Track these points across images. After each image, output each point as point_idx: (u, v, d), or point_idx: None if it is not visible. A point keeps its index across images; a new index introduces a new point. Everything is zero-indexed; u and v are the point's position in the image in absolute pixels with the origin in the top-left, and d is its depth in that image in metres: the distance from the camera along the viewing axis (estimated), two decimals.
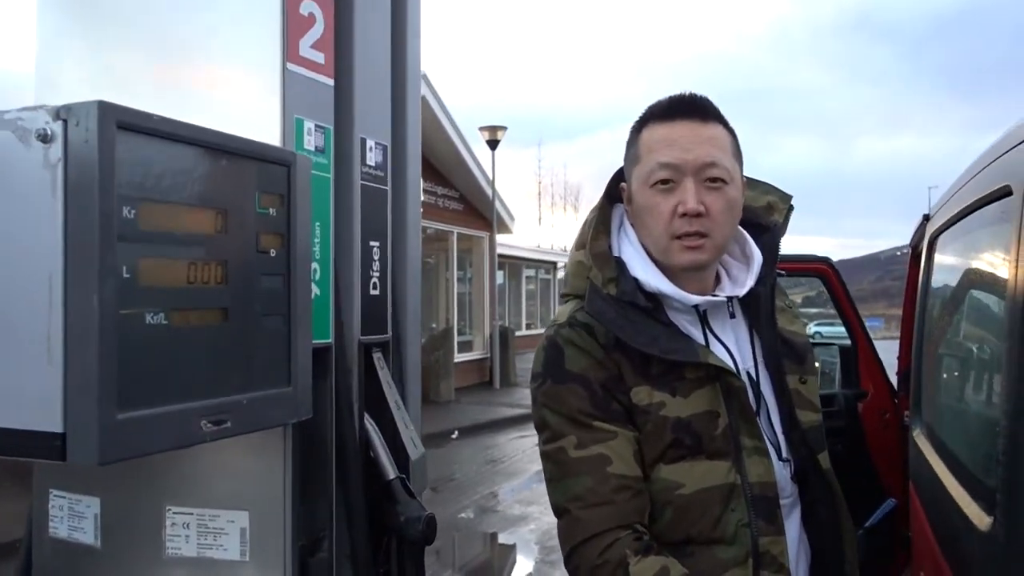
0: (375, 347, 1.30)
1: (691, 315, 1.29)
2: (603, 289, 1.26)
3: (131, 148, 0.81)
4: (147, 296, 0.83)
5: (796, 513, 1.34)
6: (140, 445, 0.82)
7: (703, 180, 1.22)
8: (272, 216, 1.00)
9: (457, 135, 14.49)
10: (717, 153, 1.23)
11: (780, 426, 1.32)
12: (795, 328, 1.38)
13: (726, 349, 1.29)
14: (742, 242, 1.36)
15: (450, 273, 16.24)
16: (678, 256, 1.24)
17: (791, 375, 1.33)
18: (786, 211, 1.40)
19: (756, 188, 1.41)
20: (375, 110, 1.30)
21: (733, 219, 1.27)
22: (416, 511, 1.26)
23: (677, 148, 1.23)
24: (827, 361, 3.28)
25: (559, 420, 1.24)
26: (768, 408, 1.31)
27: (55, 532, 1.23)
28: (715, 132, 1.25)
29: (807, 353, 1.37)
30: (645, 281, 1.25)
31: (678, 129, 1.24)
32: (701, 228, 1.22)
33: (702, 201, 1.22)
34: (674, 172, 1.23)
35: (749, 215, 1.37)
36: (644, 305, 1.24)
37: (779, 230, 1.38)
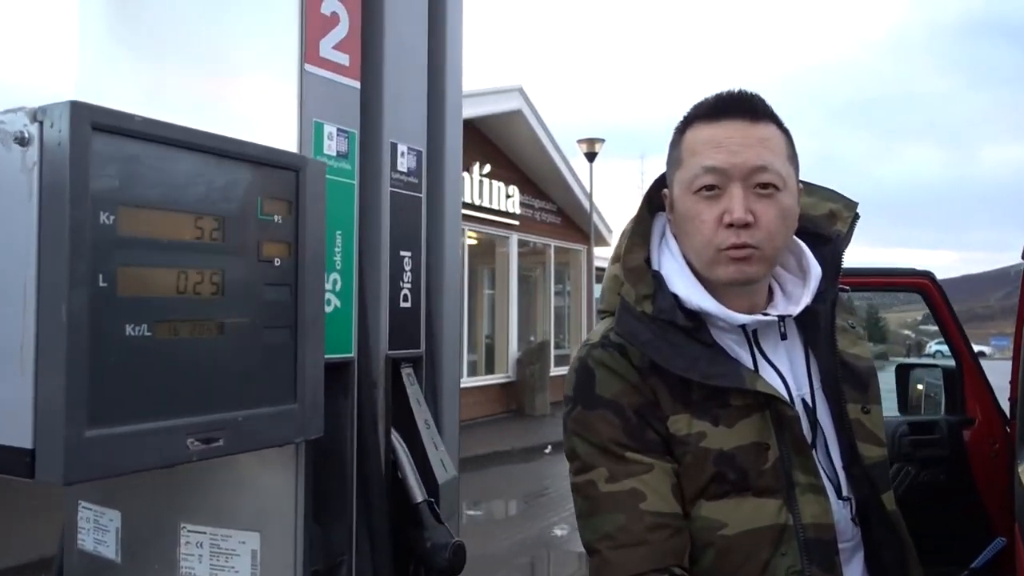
0: (405, 362, 1.24)
1: (738, 335, 1.17)
2: (636, 307, 1.15)
3: (110, 150, 0.77)
4: (127, 307, 0.79)
5: (858, 558, 1.20)
6: (113, 464, 0.77)
7: (752, 186, 1.11)
8: (277, 223, 0.95)
9: (555, 148, 14.48)
10: (768, 156, 1.11)
11: (839, 460, 1.18)
12: (858, 351, 1.23)
13: (778, 373, 1.17)
14: (798, 254, 1.23)
15: (547, 286, 16.20)
16: (723, 270, 1.13)
17: (852, 404, 1.19)
18: (851, 220, 1.26)
19: (815, 194, 1.28)
20: (408, 114, 1.25)
21: (787, 229, 1.14)
22: (443, 537, 1.18)
23: (724, 151, 1.11)
24: (931, 384, 3.03)
25: (589, 450, 1.14)
26: (826, 440, 1.18)
27: (83, 545, 1.21)
28: (767, 133, 1.13)
29: (871, 379, 1.22)
30: (686, 298, 1.14)
31: (725, 130, 1.13)
32: (749, 240, 1.10)
33: (751, 209, 1.10)
34: (720, 177, 1.11)
35: (807, 224, 1.25)
36: (683, 324, 1.13)
37: (842, 241, 1.25)
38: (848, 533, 1.18)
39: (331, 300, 1.10)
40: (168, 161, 0.83)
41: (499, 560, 5.90)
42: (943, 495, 2.56)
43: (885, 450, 1.22)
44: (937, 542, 2.54)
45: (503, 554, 6.06)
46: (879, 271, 2.74)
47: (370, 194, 1.18)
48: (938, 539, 2.55)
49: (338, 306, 1.12)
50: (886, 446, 1.22)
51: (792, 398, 1.16)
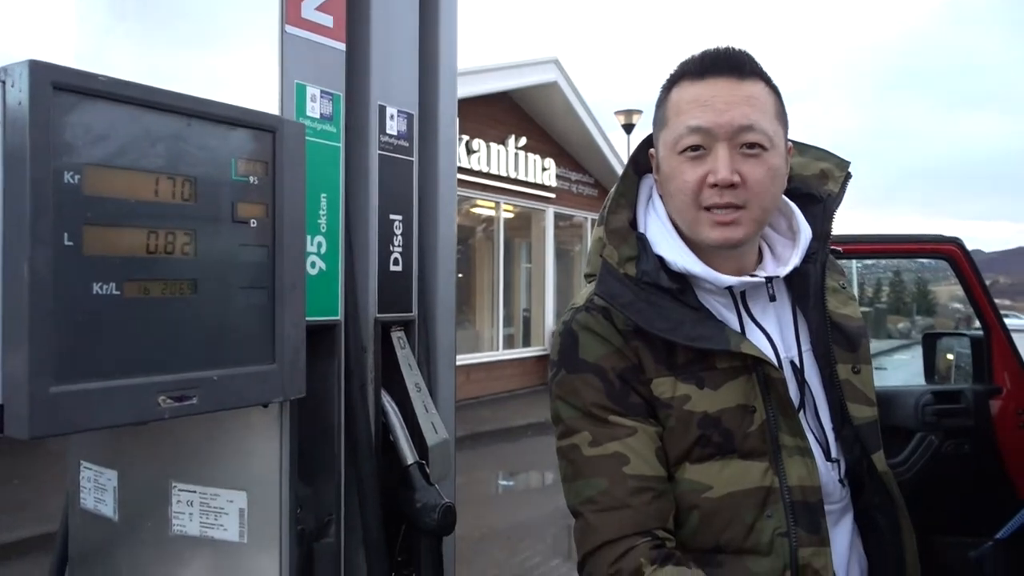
0: (395, 326, 1.24)
1: (725, 297, 1.15)
2: (619, 269, 1.14)
3: (73, 110, 0.78)
4: (94, 266, 0.80)
5: (847, 520, 1.18)
6: (80, 420, 0.78)
7: (738, 146, 1.08)
8: (253, 184, 0.95)
9: (591, 120, 14.33)
10: (755, 115, 1.08)
11: (829, 422, 1.16)
12: (848, 311, 1.20)
13: (766, 335, 1.15)
14: (788, 215, 1.20)
15: (584, 259, 16.12)
16: (708, 232, 1.10)
17: (842, 364, 1.17)
18: (843, 179, 1.23)
19: (807, 153, 1.25)
20: (397, 76, 1.24)
21: (775, 190, 1.11)
22: (433, 499, 1.19)
23: (709, 110, 1.09)
24: (960, 353, 2.96)
25: (573, 414, 1.13)
26: (815, 402, 1.16)
27: (84, 503, 1.25)
28: (754, 90, 1.10)
29: (861, 339, 1.19)
30: (672, 260, 1.12)
31: (711, 88, 1.10)
32: (735, 199, 1.08)
33: (737, 170, 1.07)
34: (705, 137, 1.08)
35: (798, 184, 1.22)
36: (668, 286, 1.11)
37: (833, 201, 1.21)
38: (836, 495, 1.16)
39: (316, 263, 1.11)
40: (135, 121, 0.83)
41: (530, 529, 5.95)
42: (968, 465, 2.51)
43: (875, 410, 1.19)
44: (962, 513, 2.50)
45: (534, 523, 6.11)
46: (905, 238, 2.67)
47: (357, 157, 1.18)
48: (963, 510, 2.50)
49: (323, 269, 1.12)
50: (876, 406, 1.20)
51: (780, 360, 1.14)
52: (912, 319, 42.36)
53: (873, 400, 1.19)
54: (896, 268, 33.45)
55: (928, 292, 55.76)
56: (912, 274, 45.67)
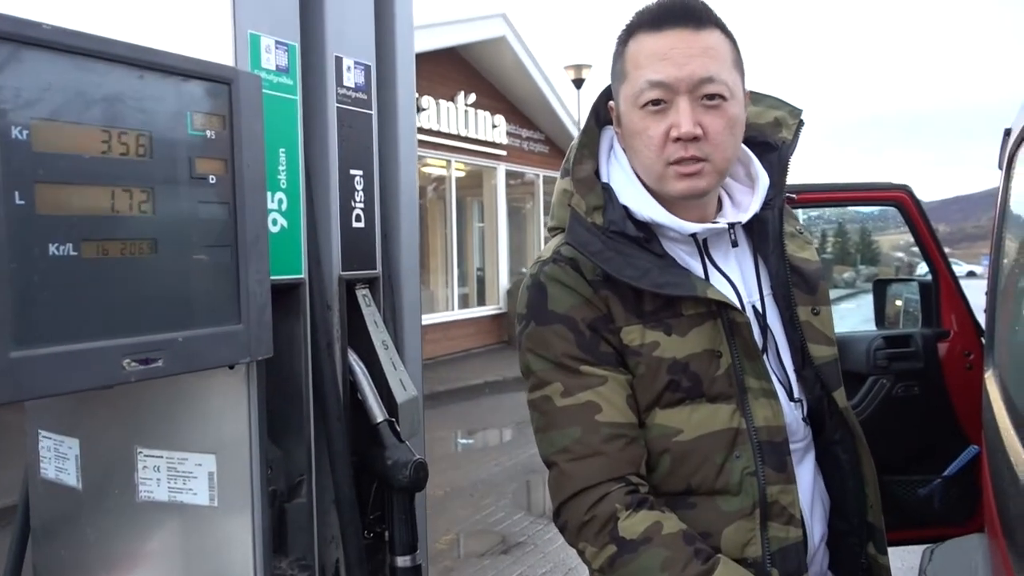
0: (360, 283, 1.23)
1: (689, 245, 1.16)
2: (587, 218, 1.13)
3: (18, 62, 0.74)
4: (49, 225, 0.77)
5: (810, 458, 1.21)
6: (44, 385, 0.76)
7: (699, 98, 1.08)
8: (210, 139, 0.92)
9: (541, 76, 14.20)
10: (715, 66, 1.07)
11: (791, 364, 1.19)
12: (806, 255, 1.23)
13: (729, 281, 1.16)
14: (747, 163, 1.21)
15: (537, 217, 16.12)
16: (674, 184, 1.11)
17: (802, 307, 1.19)
18: (796, 127, 1.24)
19: (761, 103, 1.26)
20: (353, 27, 1.20)
21: (735, 139, 1.12)
22: (404, 455, 1.19)
23: (669, 63, 1.08)
24: (909, 299, 3.04)
25: (544, 366, 1.13)
26: (777, 344, 1.18)
27: (45, 473, 1.21)
28: (712, 40, 1.09)
29: (819, 281, 1.22)
30: (636, 210, 1.13)
31: (669, 39, 1.09)
32: (698, 152, 1.08)
33: (698, 122, 1.07)
34: (665, 91, 1.08)
35: (755, 133, 1.23)
36: (634, 235, 1.11)
37: (788, 148, 1.23)
38: (800, 434, 1.19)
39: (277, 220, 1.08)
40: (85, 73, 0.80)
41: (491, 485, 6.01)
42: (918, 407, 2.60)
43: (835, 349, 1.22)
44: (912, 452, 2.59)
45: (495, 479, 6.17)
46: (856, 186, 2.71)
47: (315, 110, 1.15)
48: (914, 449, 2.59)
49: (285, 226, 1.10)
50: (835, 345, 1.22)
51: (743, 305, 1.16)
52: (857, 269, 43.43)
53: (832, 340, 1.22)
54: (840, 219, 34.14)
55: (872, 242, 57.08)
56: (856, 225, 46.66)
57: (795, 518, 1.12)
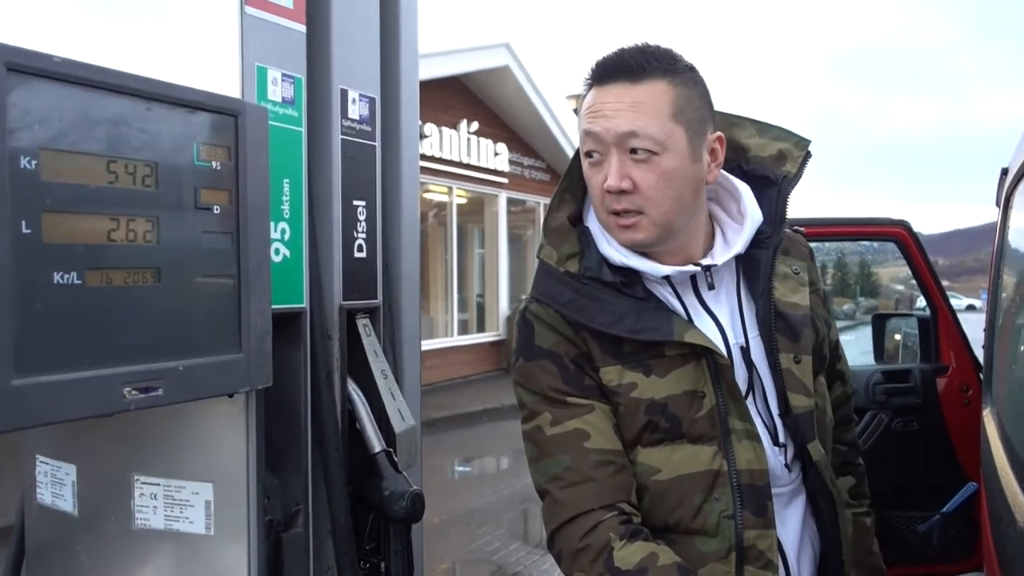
0: (360, 313, 1.23)
1: (669, 286, 1.17)
2: (559, 267, 1.15)
3: (28, 92, 0.75)
4: (55, 254, 0.77)
5: (799, 502, 1.21)
6: (44, 413, 0.76)
7: (628, 151, 1.09)
8: (216, 170, 0.93)
9: (543, 104, 14.31)
10: (641, 120, 1.08)
11: (776, 408, 1.18)
12: (795, 299, 1.20)
13: (716, 321, 1.16)
14: (738, 199, 1.22)
15: (537, 244, 16.14)
16: (616, 234, 1.15)
17: (784, 353, 1.18)
18: (801, 159, 1.24)
19: (766, 134, 1.26)
20: (358, 59, 1.22)
21: (672, 192, 1.11)
22: (401, 486, 1.19)
23: (599, 116, 1.11)
24: (908, 333, 3.04)
25: (533, 398, 1.15)
26: (764, 387, 1.17)
27: (41, 498, 1.21)
28: (646, 94, 1.10)
29: (803, 329, 1.20)
30: (608, 255, 1.14)
31: (604, 94, 1.12)
32: (631, 205, 1.10)
33: (627, 175, 1.09)
34: (597, 143, 1.11)
35: (755, 166, 1.23)
36: (610, 280, 1.13)
37: (788, 183, 1.22)
38: (784, 479, 1.18)
39: (279, 249, 1.09)
40: (94, 104, 0.81)
41: (488, 514, 5.97)
42: (916, 442, 2.59)
43: (812, 400, 1.20)
44: (911, 487, 2.58)
45: (492, 508, 6.13)
46: (854, 221, 2.73)
47: (320, 142, 1.16)
48: (911, 485, 2.58)
49: (287, 256, 1.10)
50: (814, 396, 1.20)
51: (729, 346, 1.16)
52: (856, 300, 43.40)
53: (811, 390, 1.19)
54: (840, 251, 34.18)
55: (871, 274, 57.13)
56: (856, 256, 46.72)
57: (772, 563, 1.11)
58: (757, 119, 1.26)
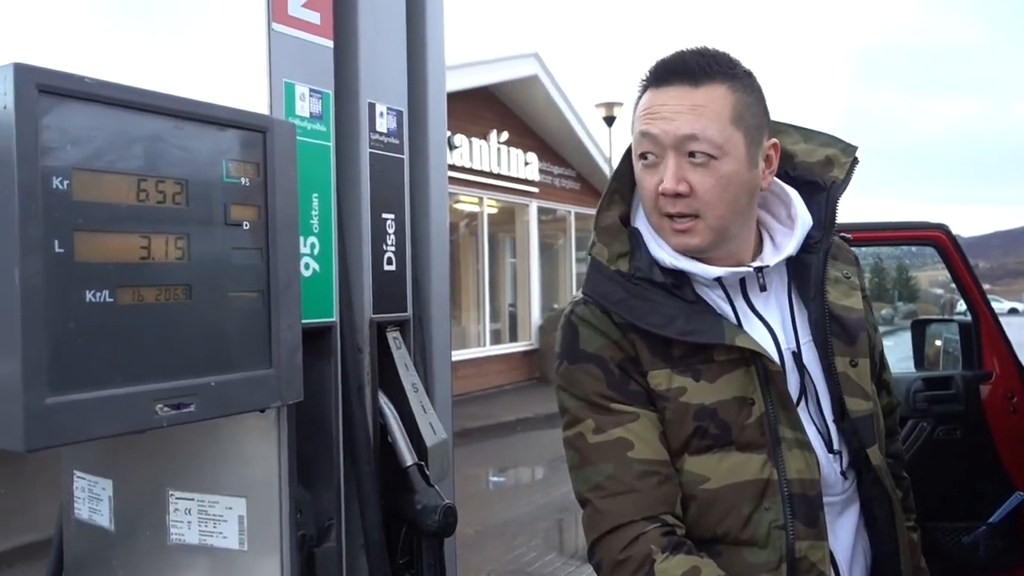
0: (391, 326, 1.23)
1: (720, 289, 1.15)
2: (610, 266, 1.14)
3: (60, 114, 0.76)
4: (87, 273, 0.78)
5: (852, 511, 1.18)
6: (78, 430, 0.77)
7: (686, 155, 1.08)
8: (244, 186, 0.93)
9: (572, 113, 14.33)
10: (702, 123, 1.07)
11: (830, 414, 1.16)
12: (849, 303, 1.20)
13: (767, 326, 1.14)
14: (788, 203, 1.20)
15: (568, 253, 16.14)
16: (668, 238, 1.13)
17: (840, 357, 1.16)
18: (849, 165, 1.22)
19: (813, 140, 1.25)
20: (385, 73, 1.22)
21: (730, 197, 1.11)
22: (433, 500, 1.18)
23: (658, 118, 1.10)
24: (948, 339, 2.97)
25: (576, 403, 1.13)
26: (818, 393, 1.15)
27: (79, 514, 1.22)
28: (707, 97, 1.09)
29: (859, 332, 1.19)
30: (659, 257, 1.13)
31: (663, 96, 1.11)
32: (685, 209, 1.09)
33: (685, 179, 1.08)
34: (654, 145, 1.10)
35: (803, 172, 1.22)
36: (660, 281, 1.11)
37: (837, 188, 1.21)
38: (838, 487, 1.16)
39: (309, 264, 1.09)
40: (124, 124, 0.81)
41: (523, 524, 5.95)
42: (960, 451, 2.53)
43: (871, 404, 1.19)
44: (955, 498, 2.51)
45: (527, 518, 6.11)
46: (891, 225, 2.68)
47: (348, 156, 1.17)
48: (956, 495, 2.52)
49: (317, 270, 1.11)
50: (872, 399, 1.19)
51: (781, 351, 1.14)
52: (894, 305, 42.71)
53: (870, 394, 1.18)
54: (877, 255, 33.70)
55: (909, 278, 56.24)
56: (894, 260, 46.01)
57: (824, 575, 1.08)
58: (800, 125, 1.25)
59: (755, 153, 1.12)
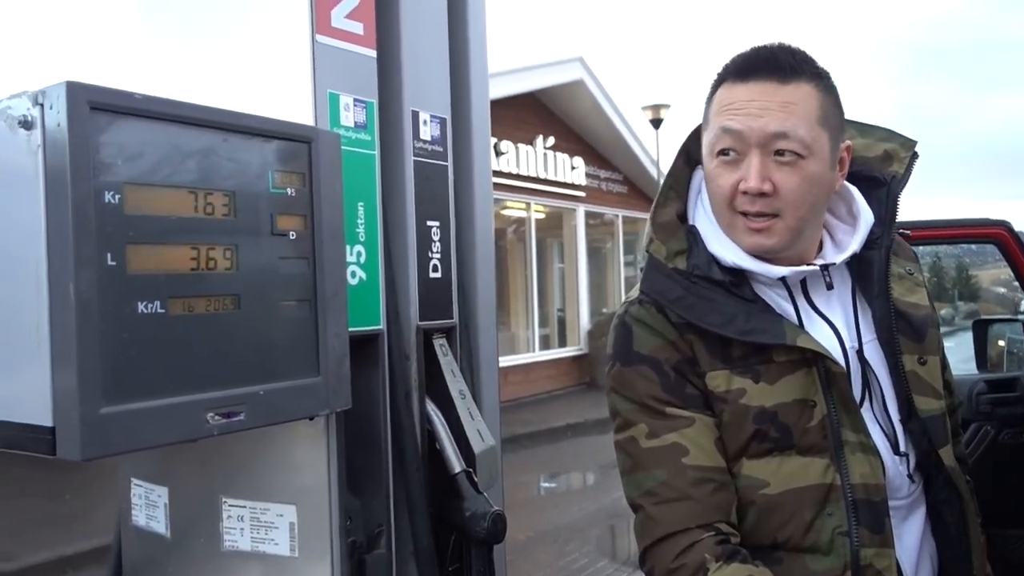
0: (437, 333, 1.23)
1: (782, 288, 1.12)
2: (667, 263, 1.11)
3: (111, 129, 0.78)
4: (138, 285, 0.79)
5: (918, 515, 1.14)
6: (130, 440, 0.78)
7: (771, 153, 1.05)
8: (291, 196, 0.94)
9: (618, 116, 14.27)
10: (792, 122, 1.05)
11: (897, 414, 1.12)
12: (915, 299, 1.16)
13: (830, 325, 1.11)
14: (848, 200, 1.17)
15: (616, 257, 16.06)
16: (742, 237, 1.09)
17: (908, 355, 1.13)
18: (909, 160, 1.19)
19: (871, 135, 1.22)
20: (429, 81, 1.23)
21: (812, 198, 1.08)
22: (482, 507, 1.18)
23: (744, 114, 1.06)
24: (1013, 340, 2.88)
25: (629, 406, 1.12)
26: (883, 393, 1.12)
27: (136, 520, 1.25)
28: (795, 95, 1.06)
29: (927, 328, 1.15)
30: (720, 255, 1.10)
31: (750, 91, 1.07)
32: (766, 208, 1.06)
33: (769, 178, 1.05)
34: (737, 142, 1.06)
35: (861, 167, 1.19)
36: (720, 279, 1.09)
37: (898, 183, 1.17)
38: (904, 490, 1.12)
39: (356, 272, 1.10)
40: (172, 138, 0.83)
41: (575, 530, 5.92)
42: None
43: (943, 402, 1.15)
44: (1020, 503, 2.43)
45: (579, 524, 6.08)
46: (951, 223, 2.60)
47: (393, 164, 1.17)
48: (1021, 501, 2.43)
49: (364, 278, 1.11)
50: (944, 398, 1.16)
51: (845, 351, 1.11)
52: (955, 305, 41.52)
53: (940, 392, 1.15)
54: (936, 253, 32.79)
55: (970, 277, 54.62)
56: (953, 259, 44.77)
57: None
58: (857, 120, 1.22)
59: (836, 154, 1.10)
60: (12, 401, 0.79)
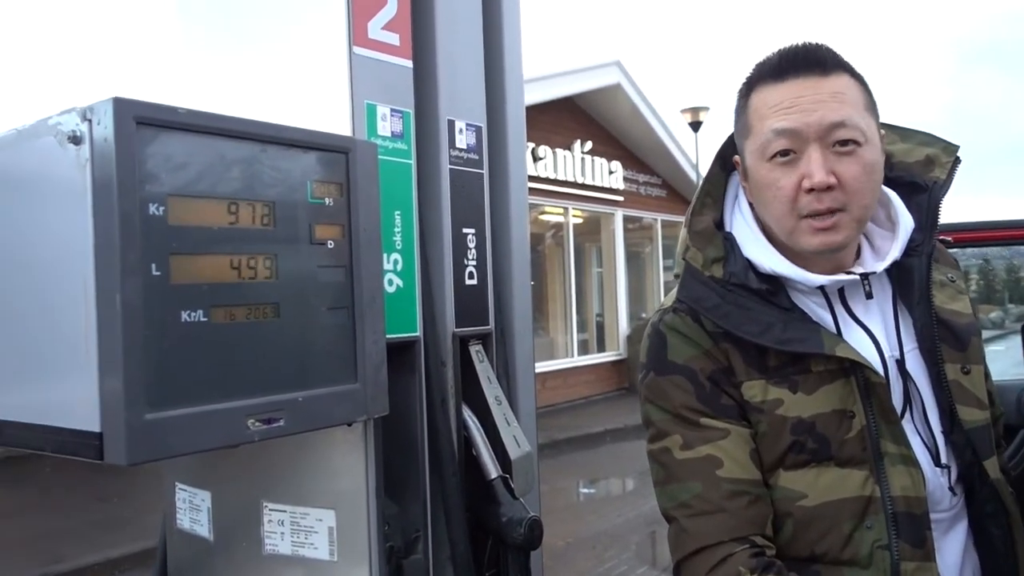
0: (473, 340, 1.24)
1: (820, 297, 1.10)
2: (704, 271, 1.11)
3: (156, 144, 0.80)
4: (182, 294, 0.82)
5: (960, 528, 1.11)
6: (174, 445, 0.80)
7: (830, 145, 1.03)
8: (329, 206, 0.96)
9: (657, 120, 14.19)
10: (846, 110, 1.03)
11: (938, 425, 1.10)
12: (957, 307, 1.13)
13: (869, 334, 1.09)
14: (887, 205, 1.15)
15: (656, 261, 15.96)
16: (808, 239, 1.06)
17: (950, 364, 1.10)
18: (951, 165, 1.16)
19: (911, 139, 1.19)
20: (464, 90, 1.24)
21: (873, 185, 1.06)
22: (519, 513, 1.18)
23: (795, 111, 1.04)
24: None
25: (663, 417, 1.11)
26: (924, 403, 1.10)
27: (180, 524, 1.28)
28: (840, 85, 1.05)
29: (970, 337, 1.12)
30: (759, 262, 1.09)
31: (794, 88, 1.05)
32: (834, 203, 1.03)
33: (832, 170, 1.02)
34: (794, 140, 1.04)
35: (902, 173, 1.16)
36: (757, 287, 1.07)
37: (940, 189, 1.15)
38: (945, 503, 1.10)
39: (393, 280, 1.12)
40: (215, 150, 0.85)
41: (614, 536, 5.89)
42: None
43: (988, 413, 1.12)
44: None
45: (618, 531, 6.05)
46: (999, 224, 2.54)
47: (429, 173, 1.19)
48: None
49: (400, 286, 1.13)
50: (988, 409, 1.13)
51: (884, 360, 1.09)
52: (1005, 308, 40.51)
53: (985, 402, 1.12)
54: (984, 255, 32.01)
55: (1021, 279, 53.26)
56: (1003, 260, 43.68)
57: None
58: (896, 124, 1.20)
59: (882, 143, 1.09)
60: (62, 408, 0.81)
